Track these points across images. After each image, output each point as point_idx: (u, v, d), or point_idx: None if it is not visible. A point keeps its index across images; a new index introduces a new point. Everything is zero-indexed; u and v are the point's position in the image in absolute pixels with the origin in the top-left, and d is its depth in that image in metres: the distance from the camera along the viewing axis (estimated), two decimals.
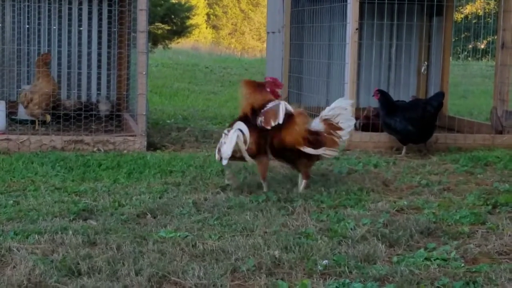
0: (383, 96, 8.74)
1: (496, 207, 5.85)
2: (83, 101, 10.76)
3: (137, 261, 4.26)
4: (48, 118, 9.03)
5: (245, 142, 6.04)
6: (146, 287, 3.90)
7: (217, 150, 6.11)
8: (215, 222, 5.21)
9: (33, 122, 9.17)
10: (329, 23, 10.64)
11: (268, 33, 12.51)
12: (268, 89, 6.38)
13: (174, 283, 3.98)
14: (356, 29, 8.77)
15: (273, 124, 6.07)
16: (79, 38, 11.01)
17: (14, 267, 4.14)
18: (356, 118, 8.72)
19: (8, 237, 4.70)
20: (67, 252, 4.40)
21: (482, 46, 14.95)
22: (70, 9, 10.87)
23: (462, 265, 4.37)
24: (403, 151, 8.45)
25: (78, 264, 4.17)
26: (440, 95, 8.81)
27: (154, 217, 5.36)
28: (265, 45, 22.92)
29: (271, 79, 6.52)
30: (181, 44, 31.98)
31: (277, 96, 6.40)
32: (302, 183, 6.27)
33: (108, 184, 6.42)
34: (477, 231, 5.13)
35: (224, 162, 6.01)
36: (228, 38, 47.94)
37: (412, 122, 8.35)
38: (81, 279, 3.96)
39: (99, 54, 11.05)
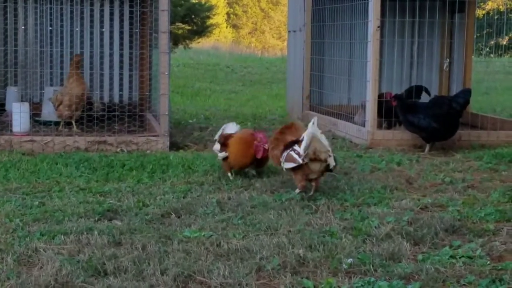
0: (400, 100, 8.70)
1: None
2: (106, 102, 10.83)
3: (162, 260, 4.28)
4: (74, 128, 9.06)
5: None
6: (172, 287, 3.92)
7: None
8: (239, 221, 5.22)
9: (57, 123, 9.23)
10: (350, 21, 10.62)
11: (289, 31, 12.50)
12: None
13: (200, 282, 4.00)
14: (378, 27, 8.75)
15: None
16: (101, 40, 11.07)
17: (41, 267, 4.18)
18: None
19: (35, 237, 4.74)
20: (93, 252, 4.43)
21: (505, 42, 14.84)
22: (92, 10, 10.94)
23: (488, 262, 4.35)
24: (427, 149, 8.42)
25: (104, 264, 4.20)
26: (467, 92, 8.73)
27: (179, 217, 5.38)
28: (285, 43, 22.90)
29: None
30: (202, 44, 32.05)
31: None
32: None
33: (132, 184, 6.46)
34: (502, 228, 5.10)
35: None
36: (248, 37, 47.97)
37: (436, 119, 8.30)
38: (107, 279, 3.99)
39: (121, 55, 11.10)
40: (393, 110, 8.88)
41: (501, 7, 14.68)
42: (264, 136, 6.67)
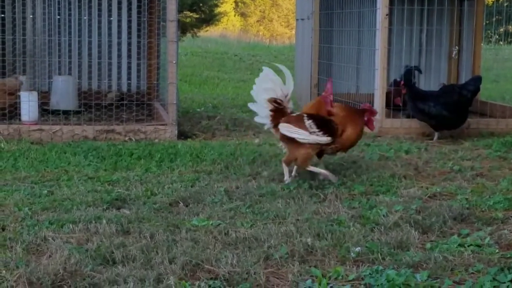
0: (410, 88, 8.65)
1: None
2: (113, 91, 10.85)
3: (170, 249, 4.29)
4: None
5: None
6: (180, 275, 3.92)
7: None
8: (247, 210, 5.22)
9: (65, 112, 9.25)
10: (358, 9, 10.58)
11: (297, 19, 12.47)
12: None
13: (208, 271, 4.00)
14: (387, 14, 8.71)
15: None
16: (109, 28, 11.08)
17: (49, 256, 4.19)
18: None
19: (43, 226, 4.75)
20: (101, 241, 4.44)
21: None
22: None
23: (497, 251, 4.33)
24: (435, 137, 8.39)
25: (113, 253, 4.21)
26: (477, 80, 8.69)
27: (186, 206, 5.38)
28: (293, 32, 22.83)
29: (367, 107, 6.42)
30: (210, 32, 31.98)
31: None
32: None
33: (140, 173, 6.47)
34: (511, 216, 5.08)
35: None
36: (257, 25, 47.85)
37: (447, 107, 8.26)
38: (115, 268, 3.99)
39: (129, 44, 11.10)
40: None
41: None
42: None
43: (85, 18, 10.93)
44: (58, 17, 10.77)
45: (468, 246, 4.40)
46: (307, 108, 6.39)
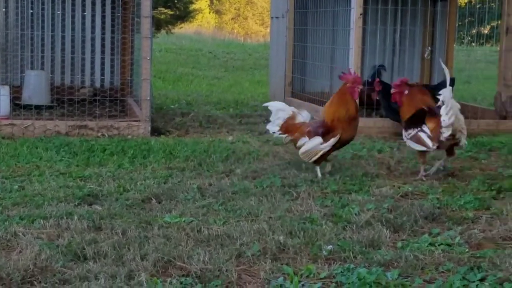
0: (384, 86, 8.67)
1: (500, 193, 5.85)
2: (87, 86, 10.79)
3: (142, 246, 4.28)
4: None
5: None
6: (151, 272, 3.91)
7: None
8: (220, 207, 5.22)
9: (38, 107, 9.17)
10: (333, 8, 10.61)
11: (272, 18, 12.47)
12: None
13: (180, 268, 3.99)
14: (361, 14, 8.75)
15: None
16: (83, 23, 11.01)
17: (20, 251, 4.16)
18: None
19: (14, 222, 4.71)
20: (72, 237, 4.42)
21: (486, 31, 14.90)
22: None
23: (467, 250, 4.37)
24: None
25: (84, 249, 4.19)
26: (451, 81, 8.73)
27: (159, 202, 5.37)
28: (268, 30, 22.83)
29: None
30: (184, 29, 31.88)
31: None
32: None
33: (112, 169, 6.43)
34: (481, 216, 5.13)
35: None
36: (231, 23, 47.78)
37: None
38: (86, 264, 3.98)
39: (103, 39, 11.03)
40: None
41: None
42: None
43: (58, 12, 10.85)
44: (31, 11, 10.68)
45: (439, 245, 4.44)
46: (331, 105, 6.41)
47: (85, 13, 10.97)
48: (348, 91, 6.34)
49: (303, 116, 6.46)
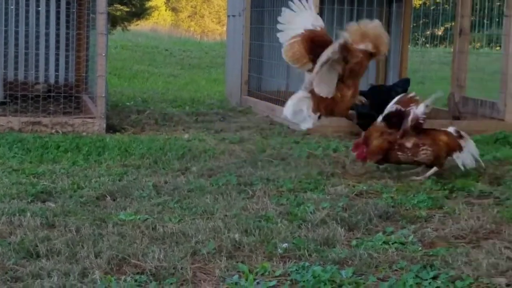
0: None
1: (453, 192, 5.92)
2: (41, 82, 10.66)
3: (96, 243, 4.24)
4: None
5: None
6: (105, 270, 3.88)
7: None
8: (175, 205, 5.20)
9: None
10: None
11: (228, 16, 12.47)
12: None
13: (134, 265, 3.97)
14: (317, 14, 8.77)
15: None
16: (37, 19, 10.86)
17: None
18: None
19: None
20: (25, 234, 4.36)
21: (440, 33, 15.10)
22: None
23: (420, 248, 4.42)
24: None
25: (37, 246, 4.14)
26: (406, 82, 8.86)
27: (114, 200, 5.33)
28: (225, 28, 22.84)
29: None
30: (140, 26, 31.69)
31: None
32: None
33: (66, 166, 6.37)
34: (434, 215, 5.20)
35: None
36: (188, 21, 47.64)
37: (375, 107, 8.36)
38: (39, 262, 3.93)
39: (58, 35, 10.91)
40: None
41: None
42: None
43: (11, 7, 10.69)
44: None
45: (393, 243, 4.48)
46: None
47: (39, 8, 10.83)
48: None
49: None
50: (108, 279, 3.72)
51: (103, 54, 8.24)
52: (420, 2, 17.19)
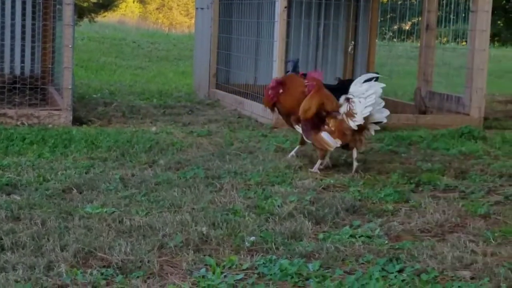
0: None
1: (419, 186, 5.98)
2: (6, 73, 10.53)
3: (62, 236, 4.21)
4: None
5: None
6: (71, 263, 3.85)
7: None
8: (143, 198, 5.18)
9: None
10: (258, 0, 10.64)
11: (196, 8, 12.42)
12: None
13: (101, 258, 3.95)
14: (285, 7, 8.80)
15: None
16: (2, 9, 10.72)
17: None
18: None
19: None
20: None
21: (407, 27, 15.19)
22: None
23: (386, 242, 4.46)
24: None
25: (1, 239, 4.10)
26: (375, 77, 8.86)
27: (80, 193, 5.29)
28: (193, 21, 22.75)
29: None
30: (108, 18, 31.43)
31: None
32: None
33: (32, 159, 6.31)
34: (400, 209, 5.24)
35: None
36: (156, 13, 47.37)
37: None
38: (4, 255, 3.89)
39: (23, 26, 10.77)
40: None
41: None
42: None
43: None
44: None
45: (359, 237, 4.51)
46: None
47: None
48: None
49: None
50: (74, 272, 3.70)
51: (70, 46, 8.17)
52: None
